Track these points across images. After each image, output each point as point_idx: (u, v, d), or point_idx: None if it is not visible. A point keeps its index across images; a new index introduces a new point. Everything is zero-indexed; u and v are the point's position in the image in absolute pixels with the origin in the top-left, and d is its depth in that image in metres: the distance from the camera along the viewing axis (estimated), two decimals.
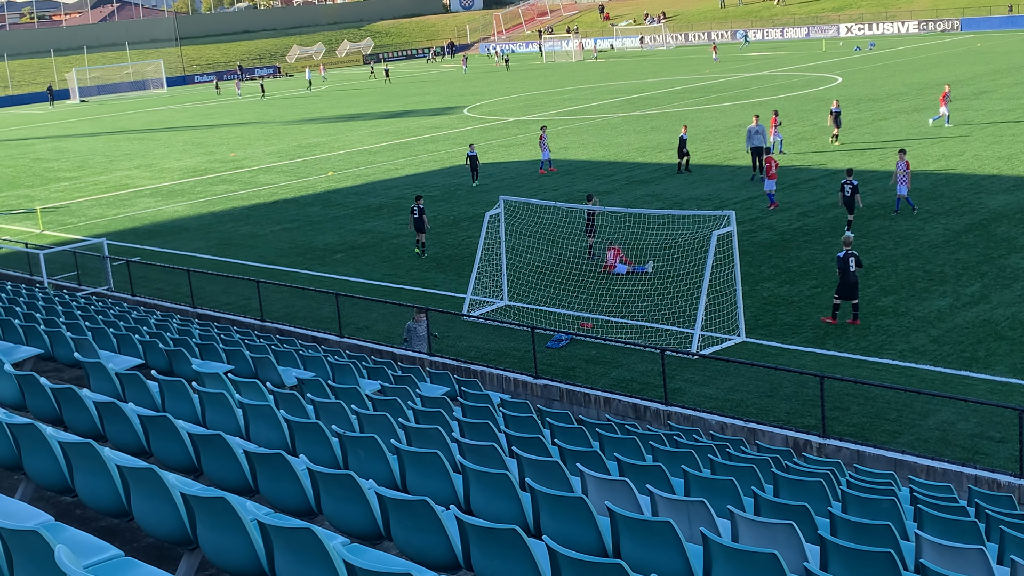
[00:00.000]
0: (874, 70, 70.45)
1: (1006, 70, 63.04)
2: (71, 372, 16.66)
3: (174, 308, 25.15)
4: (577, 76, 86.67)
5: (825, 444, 15.42)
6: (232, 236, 34.66)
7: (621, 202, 33.86)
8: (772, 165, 31.42)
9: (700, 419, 16.64)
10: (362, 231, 33.71)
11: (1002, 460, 14.80)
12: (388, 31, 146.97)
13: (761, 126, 36.44)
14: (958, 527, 8.75)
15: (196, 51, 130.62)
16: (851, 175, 28.17)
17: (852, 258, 20.71)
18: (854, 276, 20.79)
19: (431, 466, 8.74)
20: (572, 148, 46.98)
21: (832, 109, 41.92)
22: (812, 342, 20.23)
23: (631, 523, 7.11)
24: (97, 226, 37.99)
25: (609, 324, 22.31)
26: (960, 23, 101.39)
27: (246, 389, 12.58)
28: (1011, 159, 35.86)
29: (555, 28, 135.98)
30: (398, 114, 68.39)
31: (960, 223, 27.95)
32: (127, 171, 52.50)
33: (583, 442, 12.01)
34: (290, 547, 6.04)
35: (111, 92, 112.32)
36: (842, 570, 7.02)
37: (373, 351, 20.98)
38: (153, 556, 8.04)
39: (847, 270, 20.72)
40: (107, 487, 7.57)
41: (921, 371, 18.37)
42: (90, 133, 73.43)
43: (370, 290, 26.20)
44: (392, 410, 12.25)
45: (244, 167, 50.51)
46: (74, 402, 10.59)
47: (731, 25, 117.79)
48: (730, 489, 9.39)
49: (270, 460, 8.11)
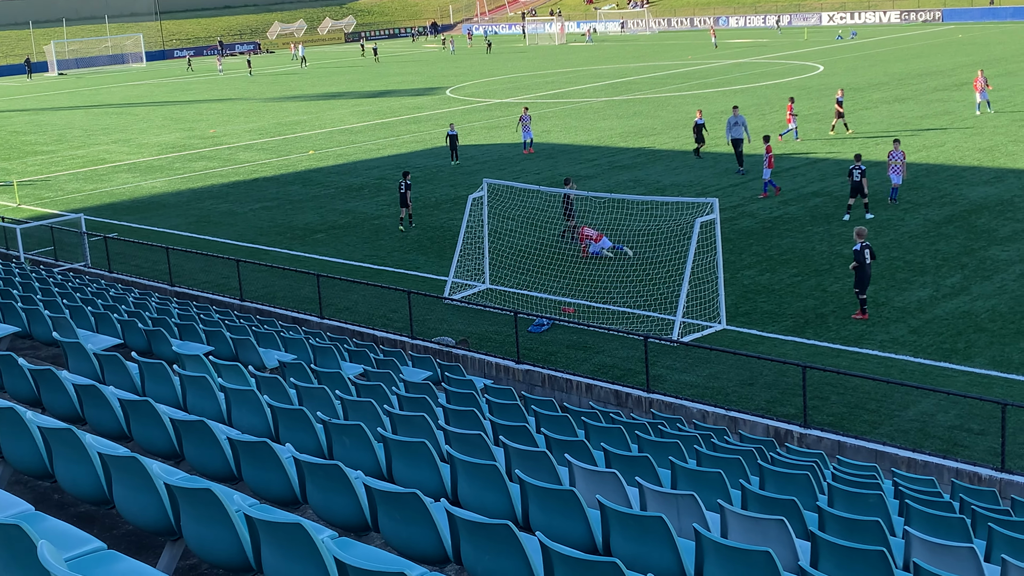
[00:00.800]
0: (856, 59, 70.54)
1: (986, 61, 63.23)
2: (48, 351, 16.46)
3: (152, 286, 24.92)
4: (560, 59, 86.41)
5: (807, 434, 15.44)
6: (211, 213, 34.37)
7: (603, 187, 33.77)
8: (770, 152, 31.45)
9: (682, 407, 16.64)
10: (343, 211, 33.49)
11: (981, 453, 14.84)
12: (370, 9, 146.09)
13: (741, 117, 35.45)
14: (946, 523, 8.74)
15: (176, 26, 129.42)
16: (859, 160, 28.19)
17: (868, 250, 20.47)
18: (870, 269, 20.53)
19: (418, 455, 8.65)
20: (554, 132, 46.83)
21: (837, 98, 41.31)
22: (792, 331, 20.24)
23: (622, 518, 7.04)
24: (74, 201, 37.59)
25: (591, 309, 22.25)
26: (942, 14, 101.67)
27: (227, 372, 12.44)
28: (991, 151, 35.98)
29: (538, 11, 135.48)
30: (380, 93, 67.99)
31: (940, 214, 28.02)
32: (105, 146, 51.98)
33: (568, 431, 11.95)
34: (278, 541, 5.93)
35: (90, 65, 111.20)
36: (834, 568, 6.98)
37: (354, 333, 20.87)
38: (133, 544, 7.91)
39: (864, 263, 20.43)
40: (88, 475, 7.43)
41: (900, 362, 18.40)
42: (68, 107, 72.66)
43: (351, 271, 26.04)
44: (376, 396, 12.14)
45: (224, 144, 50.09)
46: (53, 384, 10.43)
47: (713, 11, 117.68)
48: (718, 481, 9.34)
49: (255, 448, 7.99)
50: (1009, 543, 8.29)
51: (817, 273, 23.68)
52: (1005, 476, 13.64)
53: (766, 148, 31.72)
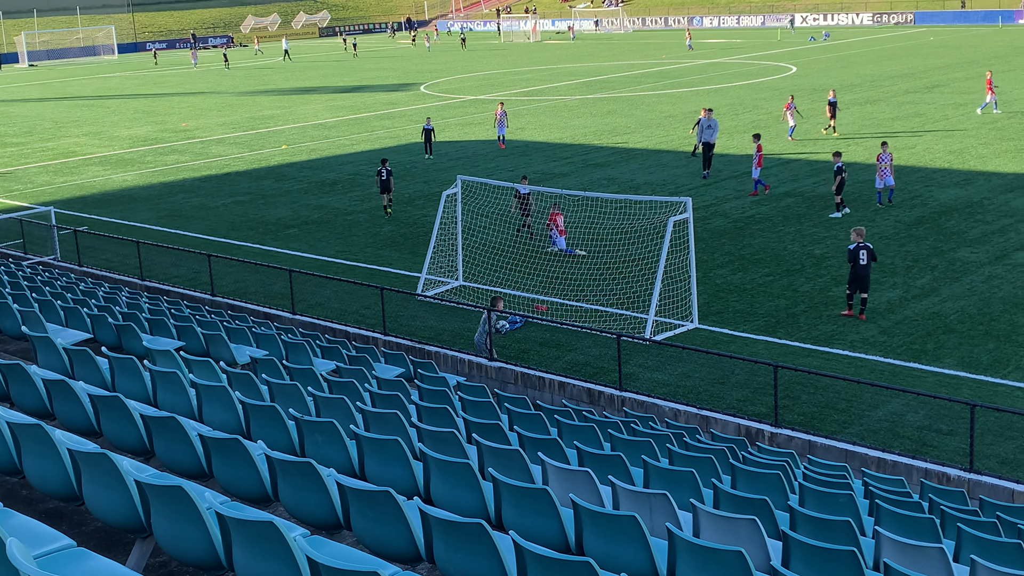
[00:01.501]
0: (828, 60, 70.94)
1: (958, 64, 63.79)
2: (17, 345, 16.29)
3: (122, 280, 24.72)
4: (534, 57, 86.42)
5: (778, 433, 15.50)
6: (182, 208, 34.14)
7: (577, 185, 33.80)
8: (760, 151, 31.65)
9: (654, 405, 16.66)
10: (316, 206, 33.35)
11: (949, 453, 14.96)
12: (345, 4, 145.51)
13: (714, 120, 34.67)
14: (915, 523, 8.80)
15: (148, 18, 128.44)
16: (839, 158, 28.51)
17: (864, 250, 20.61)
18: (865, 268, 20.62)
19: (391, 453, 8.62)
20: (529, 129, 46.83)
21: (829, 99, 41.14)
22: (763, 330, 20.33)
23: (595, 517, 7.05)
24: (44, 194, 37.23)
25: (564, 307, 22.26)
26: (914, 16, 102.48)
27: (198, 368, 12.35)
28: (961, 153, 36.29)
29: (513, 8, 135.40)
30: (354, 88, 67.75)
31: (911, 216, 28.23)
32: (76, 138, 51.51)
33: (541, 429, 11.95)
34: (249, 539, 5.89)
35: (61, 57, 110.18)
36: (805, 568, 7.01)
37: (327, 329, 20.77)
38: (102, 541, 7.84)
39: (857, 262, 20.59)
40: (57, 471, 7.35)
41: (871, 362, 18.52)
42: (38, 98, 71.95)
43: (323, 267, 25.93)
44: (349, 392, 12.09)
45: (196, 138, 49.76)
46: (21, 378, 10.32)
47: (687, 11, 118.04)
48: (690, 480, 9.37)
49: (226, 445, 7.93)
50: (977, 543, 8.36)
51: (789, 273, 23.81)
52: (973, 476, 13.75)
53: (757, 147, 31.73)
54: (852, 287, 20.84)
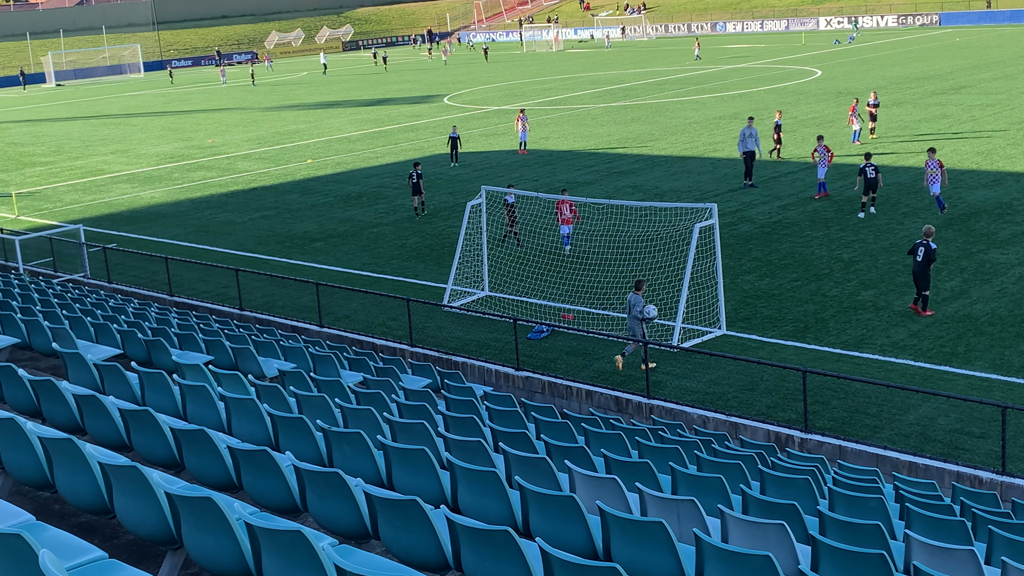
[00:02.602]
0: (853, 64, 70.62)
1: (984, 65, 63.33)
2: (48, 362, 16.46)
3: (151, 296, 24.93)
4: (557, 66, 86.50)
5: (807, 439, 15.44)
6: (209, 223, 34.38)
7: (602, 193, 33.80)
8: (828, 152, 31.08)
9: (682, 413, 16.63)
10: (341, 219, 33.51)
11: (982, 456, 14.84)
12: (368, 18, 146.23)
13: (754, 130, 33.92)
14: (946, 526, 8.73)
15: (174, 36, 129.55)
16: (869, 159, 28.66)
17: (921, 248, 20.68)
18: (919, 266, 20.67)
19: (418, 463, 8.65)
20: (552, 138, 46.87)
21: (869, 102, 40.66)
22: (792, 335, 20.24)
23: (623, 523, 7.04)
24: (73, 212, 37.61)
25: (590, 316, 22.25)
26: (939, 17, 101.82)
27: (227, 381, 12.44)
28: (990, 154, 36.01)
29: (535, 17, 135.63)
30: (378, 102, 68.05)
31: (939, 218, 28.02)
32: (103, 156, 52.01)
33: (568, 437, 11.95)
34: (278, 549, 5.93)
35: (87, 76, 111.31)
36: (834, 571, 6.98)
37: (354, 341, 20.86)
38: (134, 554, 7.91)
39: (914, 259, 20.81)
40: (89, 484, 7.43)
41: (901, 366, 18.40)
42: (66, 117, 72.72)
43: (350, 279, 26.04)
44: (376, 404, 12.14)
45: (222, 153, 50.12)
46: (53, 394, 10.43)
47: (711, 17, 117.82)
48: (718, 486, 9.34)
49: (255, 457, 7.98)
50: (1009, 545, 8.29)
51: (817, 278, 23.69)
52: (1006, 479, 13.64)
53: (825, 147, 31.07)
54: (916, 285, 21.03)
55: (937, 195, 28.74)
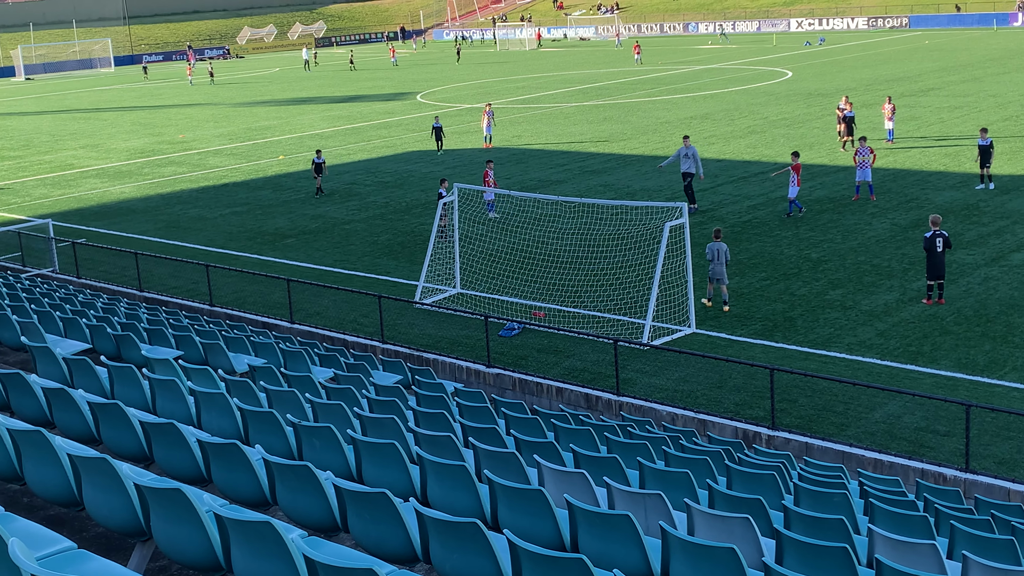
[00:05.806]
0: (823, 65, 71.12)
1: (953, 68, 63.94)
2: (16, 356, 16.36)
3: (121, 291, 24.80)
4: (531, 65, 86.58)
5: (774, 436, 15.58)
6: (180, 219, 34.22)
7: (573, 191, 33.90)
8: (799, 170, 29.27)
9: (652, 410, 16.74)
10: (313, 216, 33.44)
11: (947, 454, 15.02)
12: (340, 14, 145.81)
13: (692, 148, 30.67)
14: (909, 521, 8.87)
15: (145, 30, 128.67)
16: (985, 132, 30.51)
17: (940, 238, 20.99)
18: (942, 256, 21.04)
19: (388, 456, 8.69)
20: (525, 136, 46.94)
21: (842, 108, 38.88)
22: (761, 334, 20.39)
23: (590, 516, 7.12)
24: (42, 206, 37.32)
25: (561, 313, 22.34)
26: (909, 20, 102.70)
27: (197, 376, 12.43)
28: (957, 156, 36.39)
29: (508, 16, 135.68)
30: (350, 99, 67.88)
31: (907, 218, 28.31)
32: (73, 151, 51.61)
33: (538, 433, 12.02)
34: (247, 540, 5.96)
35: (57, 70, 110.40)
36: (798, 564, 7.08)
37: (325, 338, 20.85)
38: (103, 546, 7.91)
39: (934, 250, 21.06)
40: (58, 477, 7.42)
41: (868, 364, 18.58)
42: (35, 112, 72.08)
43: (321, 276, 26.00)
44: (346, 399, 12.16)
45: (193, 149, 49.87)
46: (21, 387, 10.39)
47: (683, 17, 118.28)
48: (685, 481, 9.44)
49: (224, 450, 8.00)
50: (971, 540, 8.43)
51: (786, 277, 23.88)
52: (969, 476, 13.83)
53: (795, 166, 29.16)
54: (931, 275, 21.27)
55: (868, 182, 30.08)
